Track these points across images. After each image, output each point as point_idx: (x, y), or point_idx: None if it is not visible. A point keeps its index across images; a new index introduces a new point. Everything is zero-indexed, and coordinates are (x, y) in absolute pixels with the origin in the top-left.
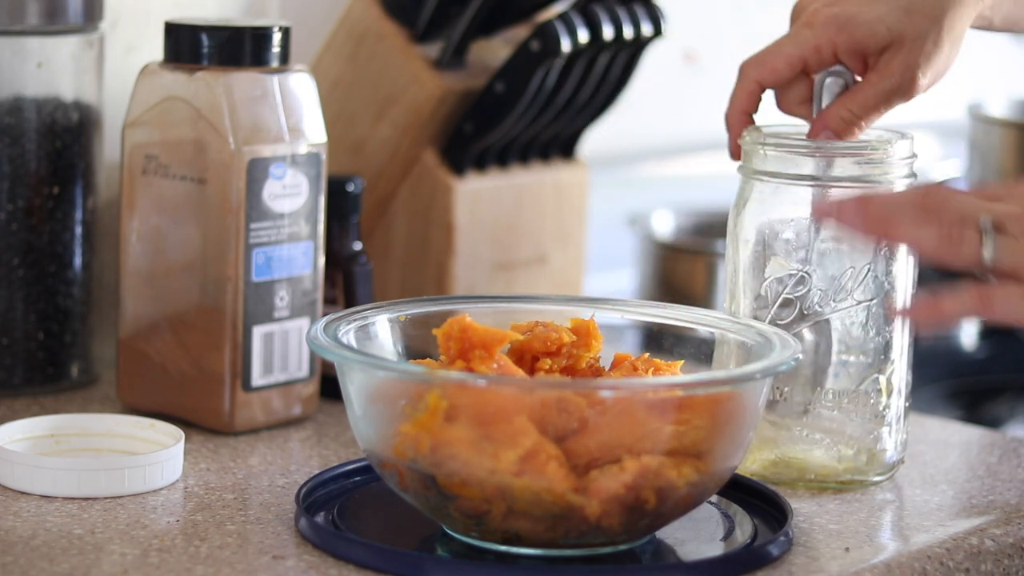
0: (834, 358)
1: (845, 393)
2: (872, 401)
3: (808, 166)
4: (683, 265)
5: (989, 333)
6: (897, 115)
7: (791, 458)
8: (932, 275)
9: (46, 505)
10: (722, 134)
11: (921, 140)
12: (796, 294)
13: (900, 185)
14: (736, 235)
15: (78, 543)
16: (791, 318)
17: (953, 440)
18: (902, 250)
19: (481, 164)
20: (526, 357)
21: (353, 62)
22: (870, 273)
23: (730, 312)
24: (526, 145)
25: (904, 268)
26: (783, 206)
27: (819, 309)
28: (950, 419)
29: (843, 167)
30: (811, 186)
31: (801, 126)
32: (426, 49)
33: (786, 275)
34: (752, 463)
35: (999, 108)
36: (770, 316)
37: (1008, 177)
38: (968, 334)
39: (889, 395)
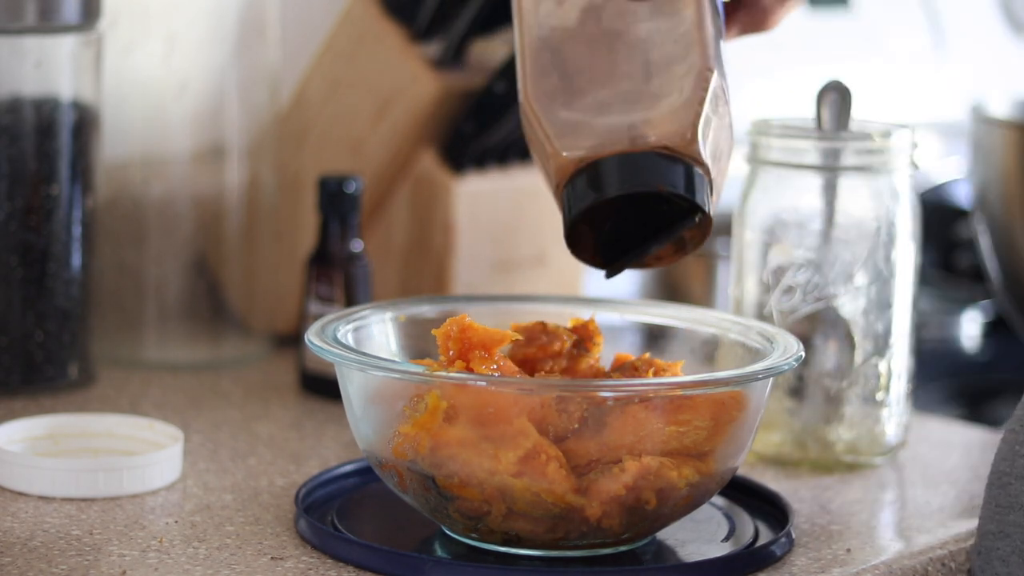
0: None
1: (845, 375)
2: (871, 384)
3: (812, 155)
4: (683, 265)
5: (991, 333)
6: (898, 115)
7: (794, 440)
8: (932, 264)
9: (44, 506)
10: None
11: (923, 140)
12: (798, 280)
13: (902, 175)
14: (743, 222)
15: (76, 544)
16: (793, 304)
17: (955, 440)
18: (903, 237)
19: (481, 164)
20: (528, 363)
21: (353, 62)
22: (870, 259)
23: (736, 298)
24: (526, 145)
25: (904, 254)
26: (788, 194)
27: (821, 295)
28: (952, 419)
29: (846, 156)
30: (815, 174)
31: (806, 116)
32: (426, 49)
33: (789, 261)
34: (755, 444)
35: (1001, 109)
36: (773, 301)
37: (1010, 179)
38: (970, 335)
39: (889, 379)
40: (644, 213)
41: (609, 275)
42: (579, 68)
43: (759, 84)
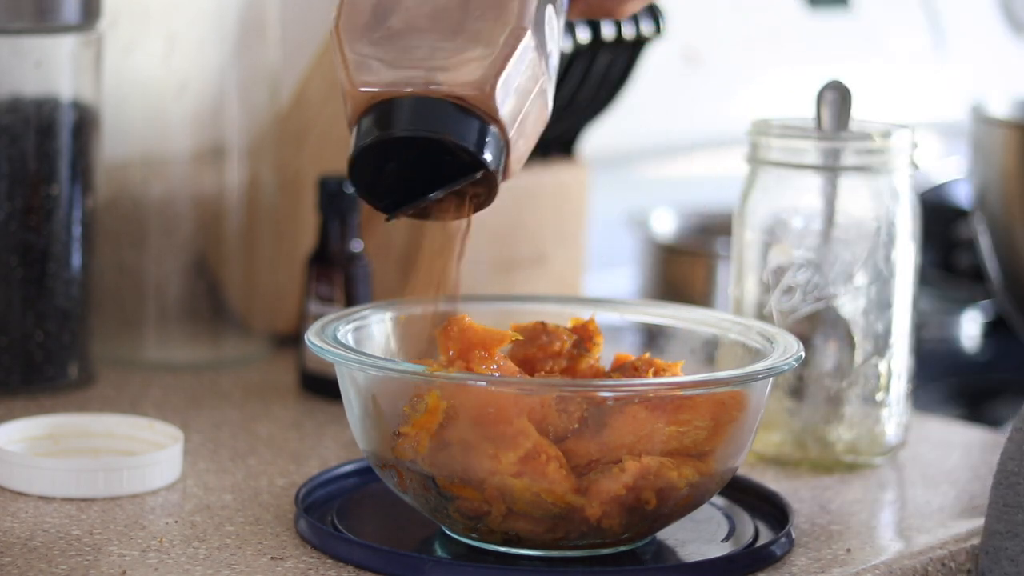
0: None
1: (845, 375)
2: (871, 384)
3: (812, 155)
4: (683, 265)
5: (991, 333)
6: (898, 115)
7: (794, 440)
8: (932, 264)
9: (44, 506)
10: (722, 133)
11: (923, 140)
12: (798, 280)
13: (902, 175)
14: (743, 222)
15: (76, 544)
16: (793, 304)
17: (955, 440)
18: (903, 237)
19: None
20: (528, 363)
21: None
22: (870, 259)
23: (736, 298)
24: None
25: (904, 254)
26: (788, 194)
27: (821, 295)
28: (952, 419)
29: (846, 156)
30: (815, 174)
31: (806, 116)
32: None
33: (789, 261)
34: (755, 444)
35: (1001, 109)
36: (773, 302)
37: (1010, 179)
38: (970, 335)
39: (889, 379)
40: (433, 162)
41: (388, 219)
42: (394, 7)
43: (759, 84)
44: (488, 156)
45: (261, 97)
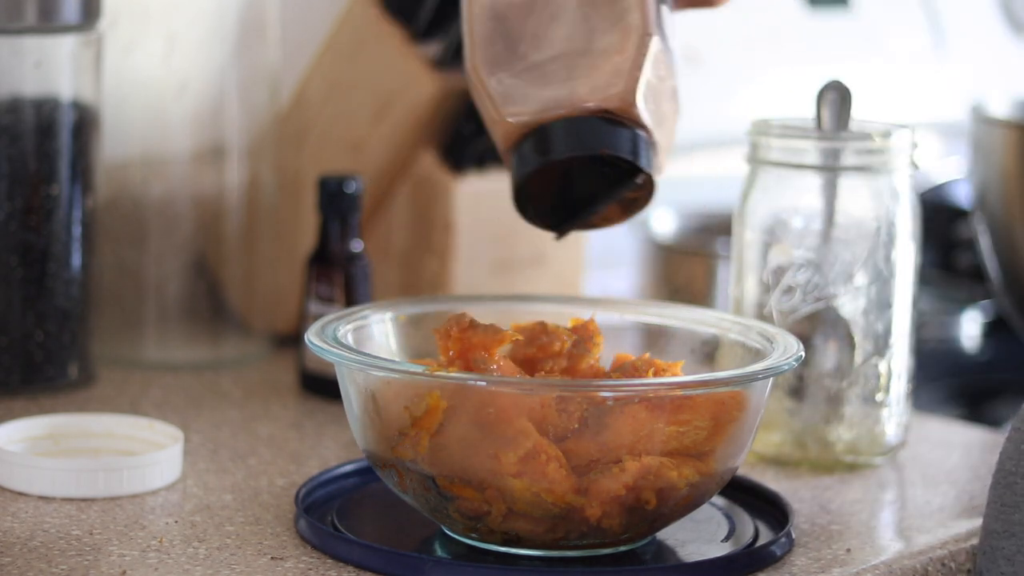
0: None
1: (845, 375)
2: (871, 384)
3: (812, 155)
4: (683, 265)
5: (991, 333)
6: (898, 115)
7: (794, 440)
8: (932, 264)
9: (44, 506)
10: (722, 133)
11: (923, 140)
12: (798, 280)
13: (902, 175)
14: (743, 222)
15: (76, 544)
16: (793, 304)
17: (955, 440)
18: (903, 237)
19: (481, 164)
20: (528, 363)
21: (353, 62)
22: (870, 259)
23: (736, 298)
24: None
25: (904, 254)
26: (788, 194)
27: (821, 295)
28: (952, 419)
29: (846, 156)
30: (815, 174)
31: (806, 116)
32: (426, 49)
33: (789, 261)
34: (755, 444)
35: (1001, 109)
36: (773, 301)
37: (1010, 179)
38: (970, 335)
39: (889, 379)
40: (589, 176)
41: (558, 237)
42: (522, 34)
43: (759, 84)
44: (644, 161)
45: (261, 97)
